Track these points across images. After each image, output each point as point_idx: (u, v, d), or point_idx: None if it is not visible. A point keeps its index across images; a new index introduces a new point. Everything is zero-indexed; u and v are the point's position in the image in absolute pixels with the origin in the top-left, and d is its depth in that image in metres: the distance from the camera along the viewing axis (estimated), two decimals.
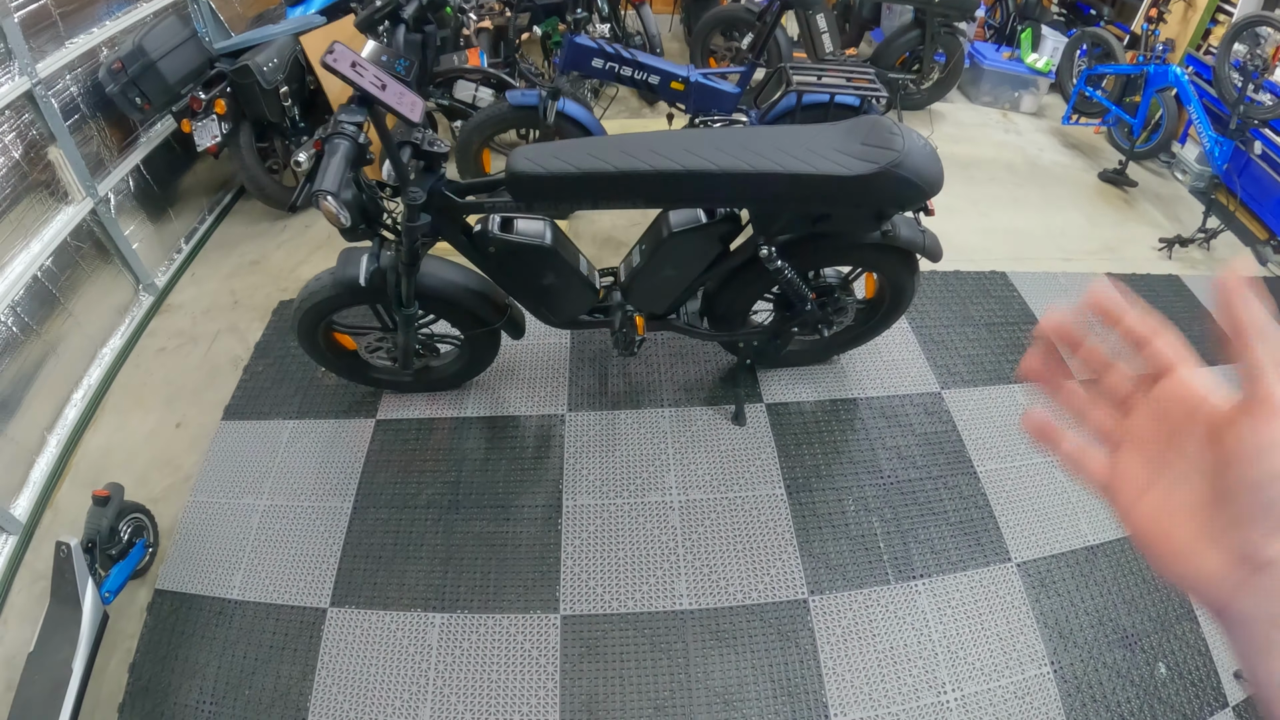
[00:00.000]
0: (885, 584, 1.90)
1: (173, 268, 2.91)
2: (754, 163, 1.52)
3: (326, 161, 1.26)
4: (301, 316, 1.93)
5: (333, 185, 1.23)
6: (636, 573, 1.89)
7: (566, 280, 1.84)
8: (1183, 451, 0.35)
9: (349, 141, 1.31)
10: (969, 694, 1.72)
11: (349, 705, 1.69)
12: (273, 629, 1.83)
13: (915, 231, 1.84)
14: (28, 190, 2.25)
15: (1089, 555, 2.02)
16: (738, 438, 2.20)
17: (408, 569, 1.91)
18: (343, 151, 1.29)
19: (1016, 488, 2.15)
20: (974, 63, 3.98)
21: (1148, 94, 3.19)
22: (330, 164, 1.26)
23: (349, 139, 1.31)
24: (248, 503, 2.10)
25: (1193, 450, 0.34)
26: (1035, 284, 2.84)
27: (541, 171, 1.52)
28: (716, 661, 1.74)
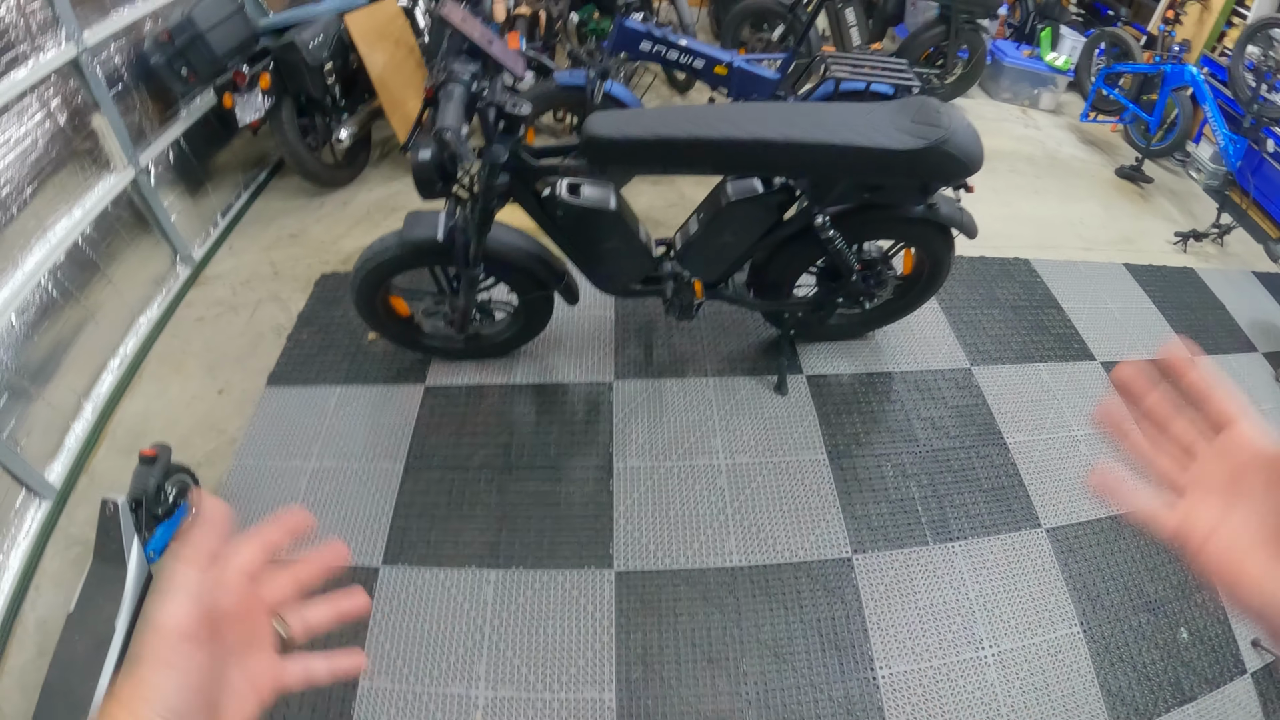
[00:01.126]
0: (924, 545, 1.97)
1: (209, 240, 2.93)
2: (817, 135, 1.59)
3: (444, 105, 1.32)
4: (364, 278, 1.96)
5: (455, 123, 1.28)
6: (687, 531, 1.94)
7: (628, 245, 1.89)
8: (1248, 493, 0.38)
9: (463, 87, 1.36)
10: (1005, 650, 1.79)
11: (404, 660, 1.71)
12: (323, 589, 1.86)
13: (954, 209, 1.92)
14: (71, 156, 2.27)
15: (1113, 525, 2.10)
16: (780, 406, 2.26)
17: (462, 527, 1.95)
18: (458, 95, 1.34)
19: (1044, 459, 2.22)
20: (995, 60, 4.08)
21: (1164, 93, 3.30)
22: (449, 106, 1.31)
23: (464, 85, 1.36)
24: (295, 465, 2.12)
25: (1258, 491, 0.38)
26: (1057, 270, 2.93)
27: (617, 135, 1.58)
28: (766, 616, 1.79)
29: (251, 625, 0.44)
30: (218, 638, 0.41)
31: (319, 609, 0.49)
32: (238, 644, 0.43)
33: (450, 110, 1.30)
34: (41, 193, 2.16)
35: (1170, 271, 3.03)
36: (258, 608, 0.45)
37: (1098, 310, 2.79)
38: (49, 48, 2.15)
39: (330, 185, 3.16)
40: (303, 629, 0.47)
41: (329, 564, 0.50)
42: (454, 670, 1.70)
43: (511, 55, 1.39)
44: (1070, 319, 2.73)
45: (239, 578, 0.44)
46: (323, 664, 0.47)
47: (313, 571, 0.49)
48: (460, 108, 1.33)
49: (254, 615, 0.44)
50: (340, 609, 0.49)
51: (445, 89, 1.35)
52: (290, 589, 0.47)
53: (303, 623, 0.47)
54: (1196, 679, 1.82)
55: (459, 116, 1.30)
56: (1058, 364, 2.54)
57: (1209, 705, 1.77)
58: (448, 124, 1.27)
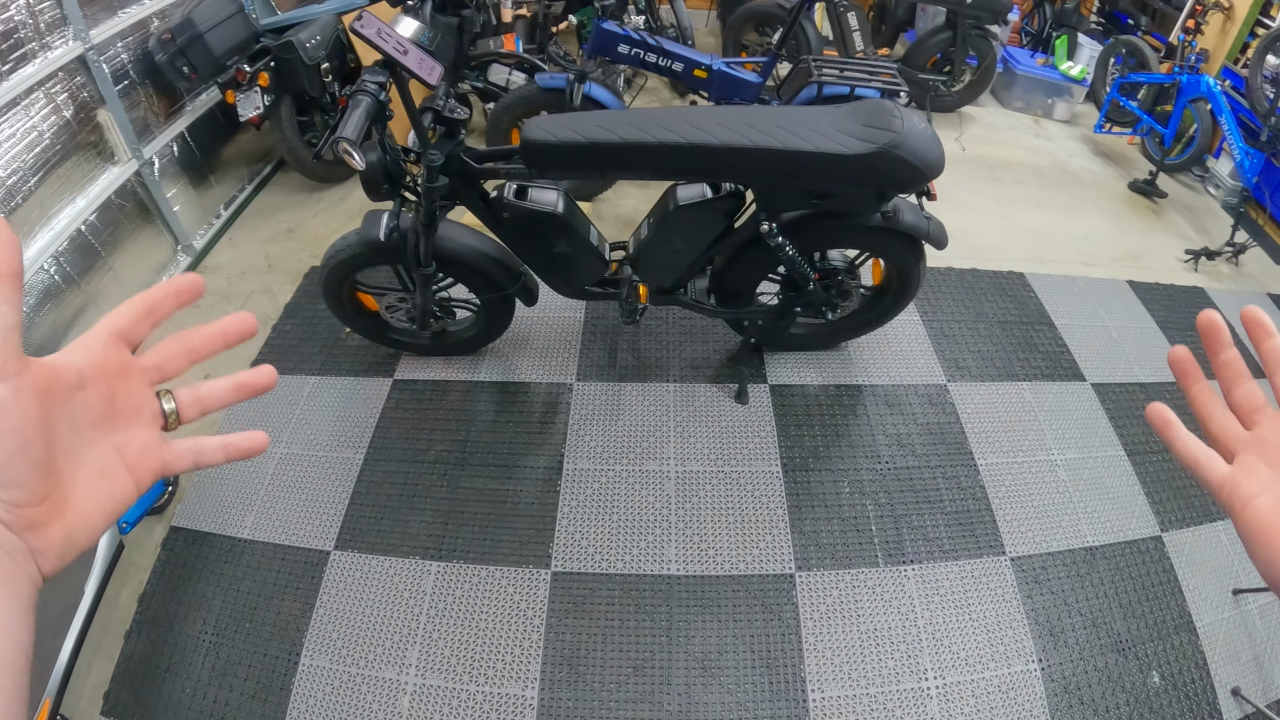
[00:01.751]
0: (874, 566, 1.92)
1: (211, 231, 3.05)
2: (755, 139, 1.56)
3: (349, 114, 1.36)
4: (327, 274, 2.02)
5: (352, 134, 1.32)
6: (628, 536, 1.94)
7: (577, 249, 1.90)
8: None
9: (370, 98, 1.40)
10: (950, 683, 1.72)
11: (342, 642, 1.76)
12: (278, 568, 1.92)
13: (919, 217, 1.86)
14: (76, 148, 2.38)
15: (1087, 556, 2.01)
16: (739, 415, 2.24)
17: (411, 519, 1.99)
18: (364, 106, 1.38)
19: (1017, 483, 2.14)
20: (1007, 67, 3.95)
21: (1180, 104, 3.15)
22: (351, 115, 1.36)
23: (370, 96, 1.41)
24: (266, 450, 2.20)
25: None
26: (1053, 286, 2.82)
27: (553, 140, 1.59)
28: (698, 628, 1.77)
29: (122, 392, 0.39)
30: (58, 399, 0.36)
31: (216, 382, 0.44)
32: (98, 410, 0.38)
33: (352, 120, 1.34)
34: (47, 182, 2.28)
35: (1178, 291, 2.89)
36: (131, 374, 0.40)
37: (1093, 329, 2.68)
38: (57, 45, 2.27)
39: (328, 181, 3.25)
40: (195, 404, 0.43)
41: (230, 332, 0.44)
42: (388, 655, 1.74)
43: (428, 65, 1.42)
44: (1062, 336, 2.63)
45: (101, 334, 0.39)
46: (215, 442, 0.43)
47: (207, 339, 0.43)
48: (363, 118, 1.37)
49: (125, 381, 0.39)
50: (240, 382, 0.44)
51: (353, 99, 1.40)
52: (179, 356, 0.42)
53: (195, 397, 0.43)
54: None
55: (358, 128, 1.34)
56: (1043, 383, 2.45)
57: None
58: (345, 134, 1.31)
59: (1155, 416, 0.46)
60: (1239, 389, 0.44)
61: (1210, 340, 0.44)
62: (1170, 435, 0.45)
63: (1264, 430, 0.42)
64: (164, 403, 0.41)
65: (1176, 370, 0.46)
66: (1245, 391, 0.43)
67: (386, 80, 1.45)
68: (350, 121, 1.34)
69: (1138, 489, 2.18)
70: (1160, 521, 2.11)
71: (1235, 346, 0.44)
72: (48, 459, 0.35)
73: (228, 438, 0.43)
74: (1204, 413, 0.45)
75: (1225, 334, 0.44)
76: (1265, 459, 0.41)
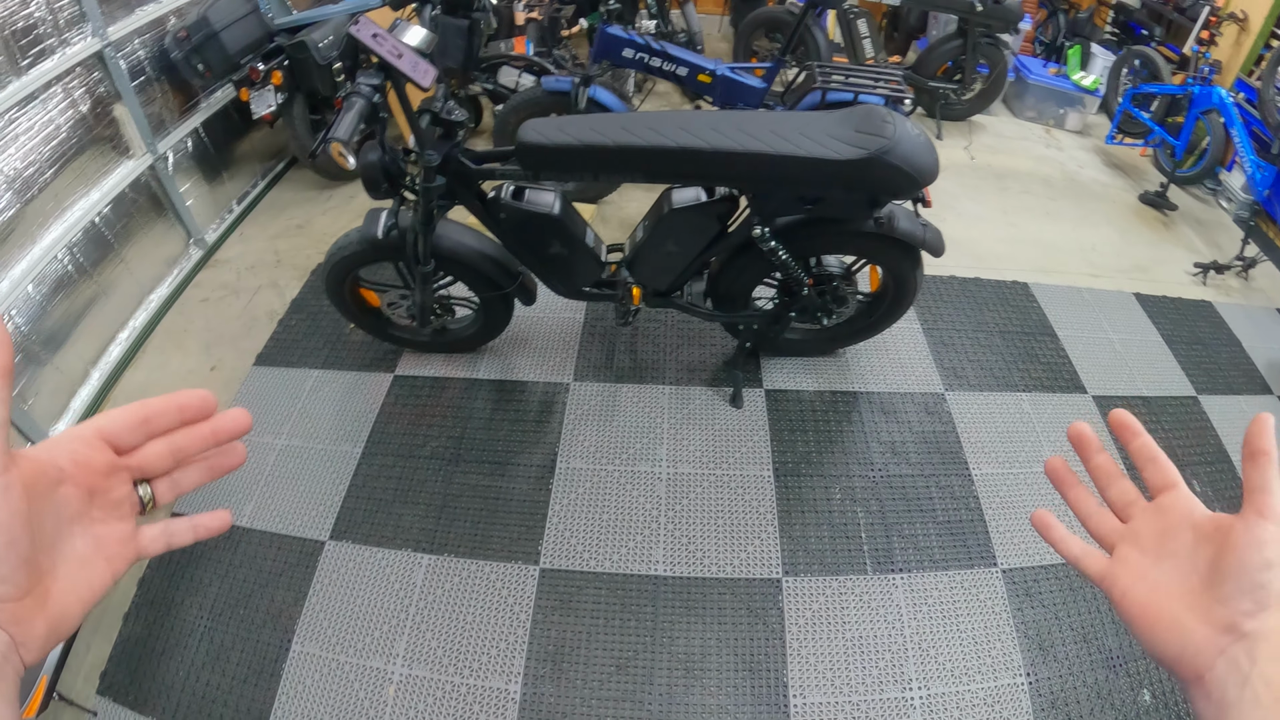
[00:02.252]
0: (862, 574, 1.91)
1: (223, 226, 3.11)
2: (745, 143, 1.57)
3: (342, 115, 1.39)
4: (330, 269, 2.06)
5: (344, 134, 1.35)
6: (617, 536, 1.95)
7: (572, 250, 1.92)
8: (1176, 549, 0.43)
9: (364, 100, 1.44)
10: (935, 694, 1.71)
11: (333, 631, 1.80)
12: (274, 556, 1.96)
13: (915, 224, 1.85)
14: (92, 142, 2.44)
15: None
16: (733, 419, 2.24)
17: (404, 512, 2.02)
18: (357, 108, 1.42)
19: (1012, 494, 2.13)
20: (1019, 76, 3.93)
21: (1191, 115, 3.11)
22: (345, 116, 1.39)
23: (364, 98, 1.44)
24: (267, 441, 2.24)
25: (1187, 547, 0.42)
26: (1057, 296, 2.80)
27: (546, 142, 1.62)
28: (683, 629, 1.78)
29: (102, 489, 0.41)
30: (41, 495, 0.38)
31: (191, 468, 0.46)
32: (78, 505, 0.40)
33: (345, 121, 1.37)
34: (63, 175, 2.34)
35: (1185, 304, 2.85)
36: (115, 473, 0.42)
37: (1096, 340, 2.66)
38: (75, 41, 2.33)
39: (338, 179, 3.31)
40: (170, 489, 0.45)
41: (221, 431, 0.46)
42: (376, 645, 1.77)
43: (421, 68, 1.45)
44: (1064, 348, 2.61)
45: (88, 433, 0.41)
46: (184, 525, 0.45)
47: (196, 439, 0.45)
48: (356, 119, 1.40)
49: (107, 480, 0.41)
50: (214, 465, 0.47)
51: (347, 100, 1.43)
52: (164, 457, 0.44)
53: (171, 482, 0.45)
54: None
55: (351, 128, 1.37)
56: (1042, 395, 2.43)
57: None
58: (337, 134, 1.34)
59: (1037, 522, 0.51)
60: (1113, 488, 0.48)
61: (1082, 449, 0.49)
62: (1052, 538, 0.50)
63: (1137, 523, 0.46)
64: (140, 491, 0.43)
65: (1053, 479, 0.51)
66: (1118, 490, 0.48)
67: (381, 82, 1.48)
68: (343, 122, 1.37)
69: None
70: None
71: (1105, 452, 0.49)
72: (32, 554, 0.36)
73: (195, 519, 0.46)
74: (1082, 513, 0.49)
75: (1095, 441, 0.49)
76: (1139, 548, 0.44)
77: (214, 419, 0.45)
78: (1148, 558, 0.44)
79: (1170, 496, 0.45)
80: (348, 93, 1.45)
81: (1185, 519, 0.43)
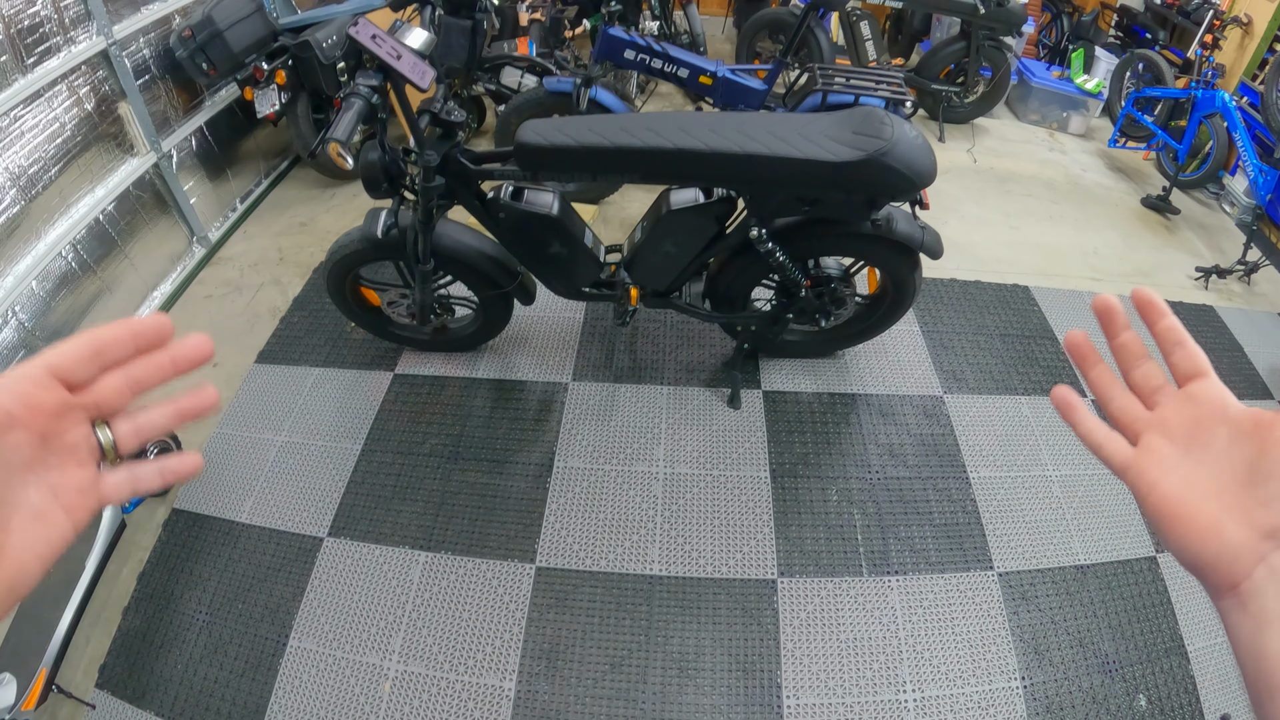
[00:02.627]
0: (858, 575, 1.92)
1: (227, 224, 3.13)
2: (742, 144, 1.58)
3: (341, 115, 1.41)
4: (331, 268, 2.07)
5: (342, 134, 1.37)
6: (613, 535, 1.96)
7: (571, 251, 1.93)
8: (1209, 443, 0.38)
9: (362, 100, 1.45)
10: (929, 696, 1.71)
11: (330, 626, 1.81)
12: (272, 552, 1.97)
13: (913, 226, 1.86)
14: (97, 140, 2.46)
15: (1078, 575, 1.98)
16: (730, 420, 2.25)
17: (403, 509, 2.03)
18: (356, 108, 1.43)
19: (1010, 498, 2.13)
20: (1022, 79, 3.92)
21: (1194, 119, 3.10)
22: (343, 117, 1.40)
23: (363, 99, 1.45)
24: (267, 438, 2.25)
25: (1221, 442, 0.38)
26: (1058, 300, 2.79)
27: (544, 143, 1.63)
28: (677, 628, 1.79)
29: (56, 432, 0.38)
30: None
31: (155, 409, 0.42)
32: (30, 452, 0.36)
33: (343, 121, 1.39)
34: (67, 172, 2.36)
35: (1186, 309, 2.85)
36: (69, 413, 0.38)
37: (1097, 344, 2.61)
38: (81, 40, 2.35)
39: (341, 178, 3.32)
40: (134, 435, 0.41)
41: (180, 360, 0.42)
42: (372, 641, 1.78)
43: (420, 69, 1.46)
44: (1064, 352, 2.59)
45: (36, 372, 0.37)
46: (151, 468, 0.41)
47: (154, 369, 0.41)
48: (354, 119, 1.41)
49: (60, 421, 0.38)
50: (182, 408, 0.42)
51: (346, 101, 1.45)
52: (122, 391, 0.40)
53: (134, 427, 0.41)
54: None
55: (349, 128, 1.39)
56: (1041, 398, 2.43)
57: None
58: (335, 134, 1.36)
59: (1059, 399, 0.45)
60: (1137, 370, 0.43)
61: (1107, 323, 0.44)
62: (1074, 418, 0.44)
63: (1165, 410, 0.41)
64: (100, 435, 0.40)
65: (1074, 355, 0.45)
66: (1144, 372, 0.43)
67: (380, 83, 1.50)
68: (342, 123, 1.38)
69: (1133, 508, 2.15)
70: (1155, 542, 2.07)
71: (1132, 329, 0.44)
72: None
73: (163, 462, 0.42)
74: (1104, 395, 0.44)
75: (1122, 316, 0.43)
76: (1168, 438, 0.40)
77: (172, 346, 0.42)
78: (1177, 448, 0.39)
79: (1201, 385, 0.40)
80: (346, 93, 1.46)
81: (1218, 411, 0.39)
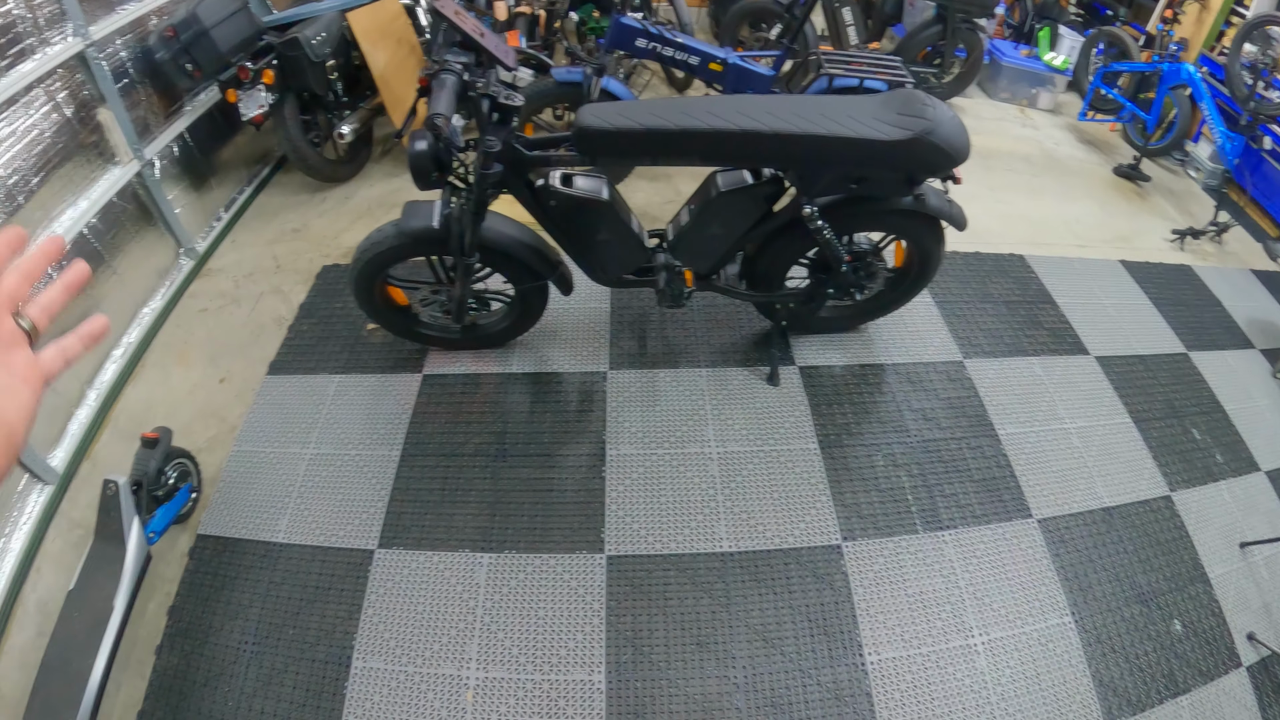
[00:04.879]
0: (914, 533, 1.98)
1: (213, 234, 2.98)
2: (802, 126, 1.62)
3: (437, 93, 1.36)
4: (361, 267, 1.99)
5: (446, 109, 1.33)
6: (678, 517, 1.96)
7: (621, 236, 1.92)
8: None
9: (455, 77, 1.40)
10: (995, 639, 1.80)
11: (396, 641, 1.74)
12: (319, 570, 1.87)
13: (943, 201, 1.94)
14: (78, 149, 2.31)
15: (1105, 516, 2.11)
16: (772, 397, 2.28)
17: (455, 512, 1.98)
18: (450, 85, 1.39)
19: (1036, 450, 2.24)
20: (993, 59, 4.11)
21: (1161, 91, 3.31)
22: (441, 94, 1.36)
23: (455, 74, 1.40)
24: (294, 452, 2.15)
25: None
26: (1052, 267, 2.94)
27: (607, 127, 1.62)
28: (755, 601, 1.81)
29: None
30: None
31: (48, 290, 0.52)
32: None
33: (442, 98, 1.35)
34: (48, 184, 2.20)
35: (1167, 269, 3.04)
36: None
37: (1092, 306, 2.81)
38: (56, 41, 2.20)
39: (332, 181, 3.20)
40: (43, 313, 0.51)
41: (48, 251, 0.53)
42: (445, 651, 1.72)
43: (504, 48, 1.43)
44: (1064, 314, 2.75)
45: None
46: (71, 339, 0.52)
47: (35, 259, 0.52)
48: (452, 97, 1.37)
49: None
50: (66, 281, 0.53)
51: (438, 79, 1.40)
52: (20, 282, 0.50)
53: (39, 307, 0.51)
54: (1190, 671, 1.83)
55: (450, 105, 1.35)
56: (1051, 358, 2.56)
57: (1203, 698, 1.78)
58: (439, 110, 1.32)
59: None
60: None
61: None
62: None
63: None
64: (21, 323, 0.49)
65: None
66: None
67: (469, 60, 1.45)
68: (441, 99, 1.35)
69: (1145, 453, 2.30)
70: (1168, 482, 2.23)
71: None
72: None
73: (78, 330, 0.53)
74: None
75: None
76: None
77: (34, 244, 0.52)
78: None
79: None
80: (435, 71, 1.41)
81: None
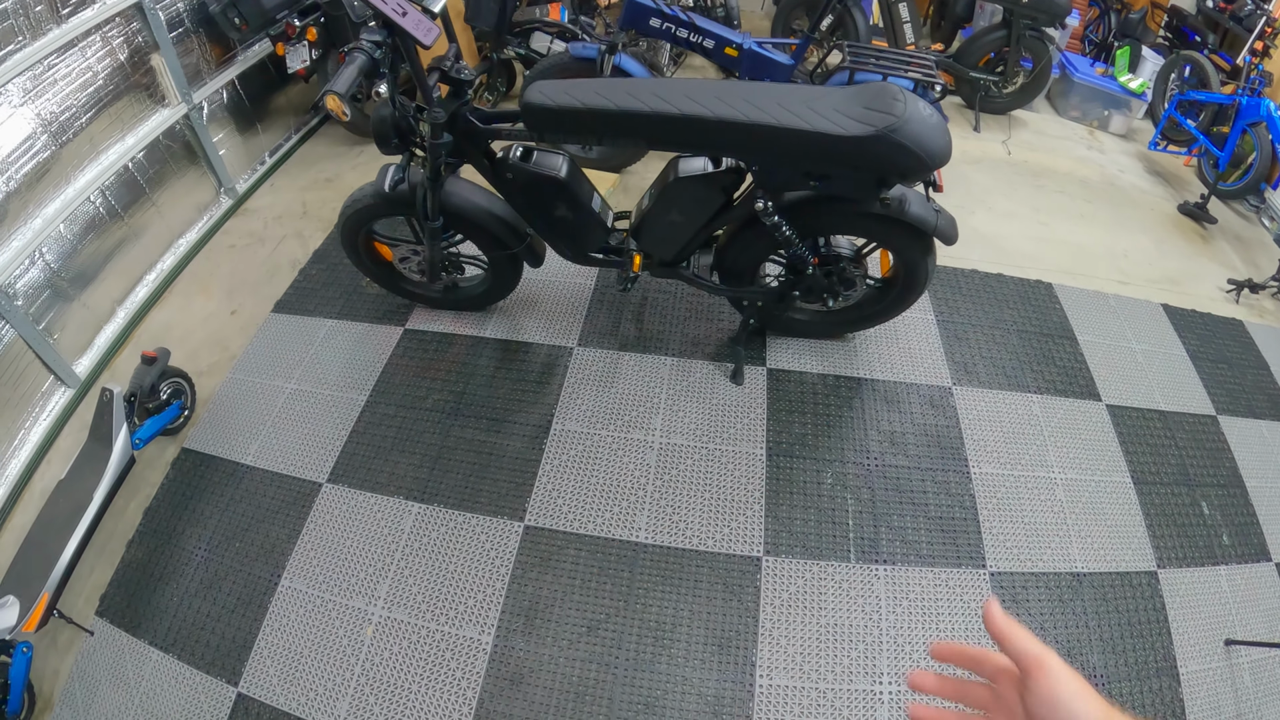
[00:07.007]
0: (845, 561, 1.89)
1: (254, 177, 3.19)
2: (749, 114, 1.55)
3: (343, 69, 1.42)
4: (345, 221, 2.11)
5: (341, 87, 1.39)
6: (603, 499, 1.97)
7: (578, 215, 1.93)
8: None
9: (364, 55, 1.47)
10: (906, 690, 1.68)
11: (321, 569, 1.86)
12: (273, 494, 2.02)
13: (927, 210, 1.81)
14: (129, 89, 2.51)
15: (1073, 582, 1.93)
16: (731, 395, 2.23)
17: (400, 460, 2.07)
18: (358, 63, 1.45)
19: (1010, 496, 2.08)
20: (1065, 74, 3.78)
21: (1237, 126, 2.97)
22: (345, 70, 1.42)
23: (365, 53, 1.47)
24: (277, 385, 2.31)
25: None
26: (1082, 300, 2.71)
27: (550, 104, 1.62)
28: (657, 598, 1.79)
29: None
30: None
31: None
32: None
33: (344, 74, 1.41)
34: (98, 120, 2.41)
35: (1215, 320, 2.74)
36: None
37: (1118, 349, 2.57)
38: None
39: (369, 136, 3.34)
40: None
41: None
42: (360, 586, 1.83)
43: (423, 26, 1.47)
44: (1083, 352, 2.53)
45: None
46: None
47: None
48: (355, 74, 1.43)
49: None
50: None
51: (350, 55, 1.46)
52: None
53: None
54: None
55: (349, 81, 1.41)
56: (1054, 398, 2.36)
57: None
58: (334, 86, 1.37)
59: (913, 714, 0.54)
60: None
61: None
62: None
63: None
64: None
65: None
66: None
67: (385, 39, 1.51)
68: (342, 76, 1.41)
69: (1139, 520, 2.08)
70: (1158, 557, 2.00)
71: None
72: None
73: None
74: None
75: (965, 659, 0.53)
76: None
77: None
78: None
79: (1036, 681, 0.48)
80: (350, 47, 1.48)
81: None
